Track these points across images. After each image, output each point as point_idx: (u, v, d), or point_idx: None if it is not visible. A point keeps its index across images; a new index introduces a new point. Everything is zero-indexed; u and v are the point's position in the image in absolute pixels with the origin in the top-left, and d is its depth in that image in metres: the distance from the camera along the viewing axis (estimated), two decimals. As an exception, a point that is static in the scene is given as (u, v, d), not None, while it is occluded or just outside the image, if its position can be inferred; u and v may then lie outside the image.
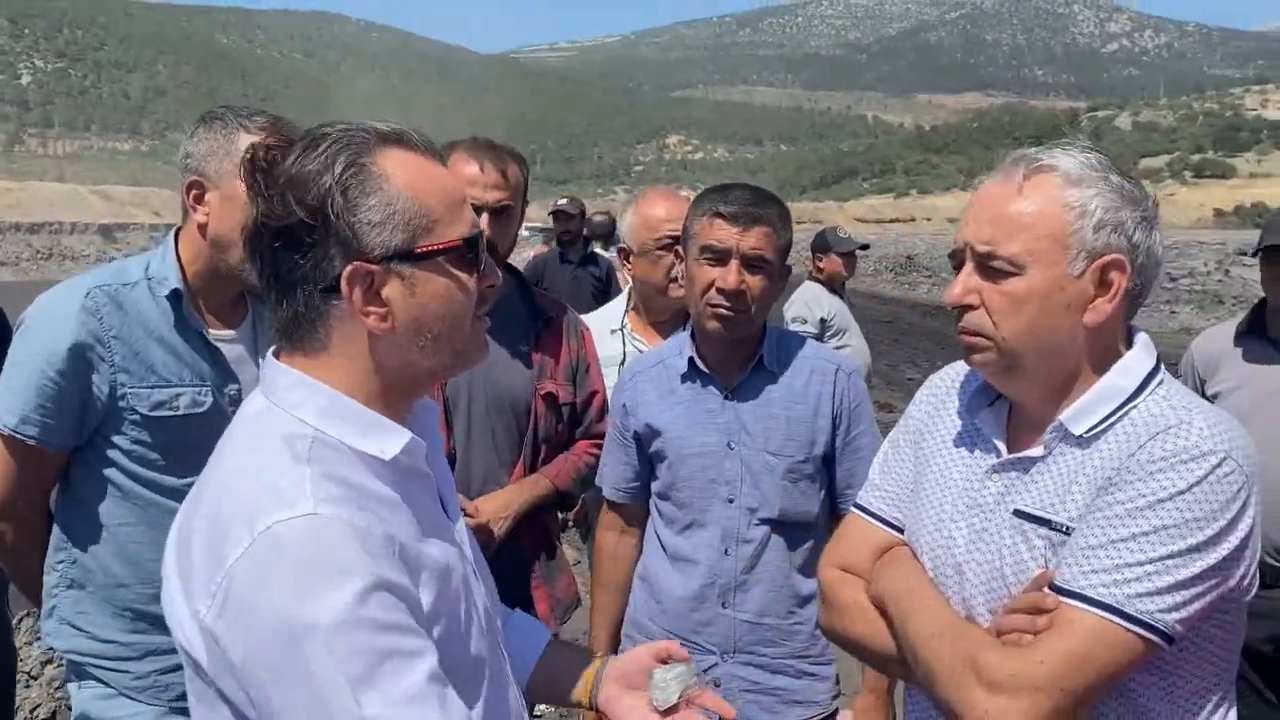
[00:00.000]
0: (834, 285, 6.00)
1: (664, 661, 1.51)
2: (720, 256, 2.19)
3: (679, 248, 2.40)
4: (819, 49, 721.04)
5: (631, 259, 3.06)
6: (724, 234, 2.18)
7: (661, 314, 3.09)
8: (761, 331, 2.31)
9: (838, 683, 2.37)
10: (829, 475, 2.32)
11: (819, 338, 5.67)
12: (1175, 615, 1.29)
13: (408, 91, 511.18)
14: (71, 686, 2.15)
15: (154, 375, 2.04)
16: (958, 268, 1.48)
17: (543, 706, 4.20)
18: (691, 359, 2.31)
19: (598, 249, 8.30)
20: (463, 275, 1.22)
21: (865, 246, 6.18)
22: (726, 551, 2.26)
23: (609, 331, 3.09)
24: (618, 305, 3.29)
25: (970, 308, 1.43)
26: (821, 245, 6.05)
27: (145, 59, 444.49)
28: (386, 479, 1.19)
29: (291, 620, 1.04)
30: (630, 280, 3.20)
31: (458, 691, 1.15)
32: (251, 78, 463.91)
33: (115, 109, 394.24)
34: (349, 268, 1.15)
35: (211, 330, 2.13)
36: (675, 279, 2.91)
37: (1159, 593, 1.29)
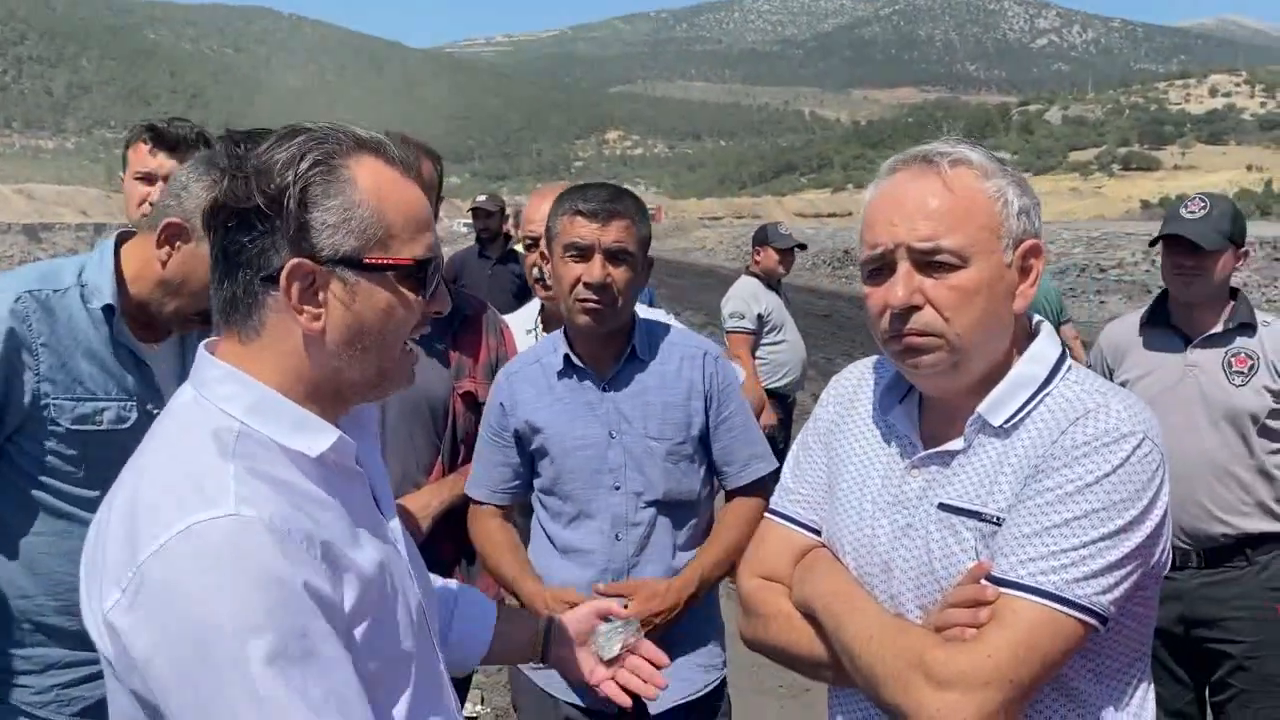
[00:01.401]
0: (770, 280, 5.94)
1: (605, 619, 1.66)
2: (584, 252, 2.25)
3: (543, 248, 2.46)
4: (756, 44, 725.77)
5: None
6: (585, 230, 2.25)
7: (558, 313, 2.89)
8: (631, 323, 2.38)
9: (724, 650, 2.45)
10: (707, 454, 2.41)
11: (756, 333, 5.69)
12: (1109, 596, 1.31)
13: (341, 86, 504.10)
14: None
15: (80, 387, 1.99)
16: (875, 273, 1.44)
17: (479, 706, 4.28)
18: (566, 355, 2.35)
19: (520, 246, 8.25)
20: (408, 295, 1.21)
21: (803, 246, 6.15)
22: (617, 537, 2.33)
23: (524, 331, 3.10)
24: (533, 306, 3.31)
25: (915, 308, 1.41)
26: (761, 238, 6.01)
27: (69, 54, 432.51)
28: (314, 476, 1.18)
29: (201, 623, 1.02)
30: None
31: (384, 688, 1.17)
32: (180, 73, 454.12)
33: (38, 105, 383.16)
34: (292, 262, 1.15)
35: (139, 345, 2.07)
36: (539, 279, 2.92)
37: (1095, 575, 1.30)
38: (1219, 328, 2.99)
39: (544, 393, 2.38)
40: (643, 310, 2.88)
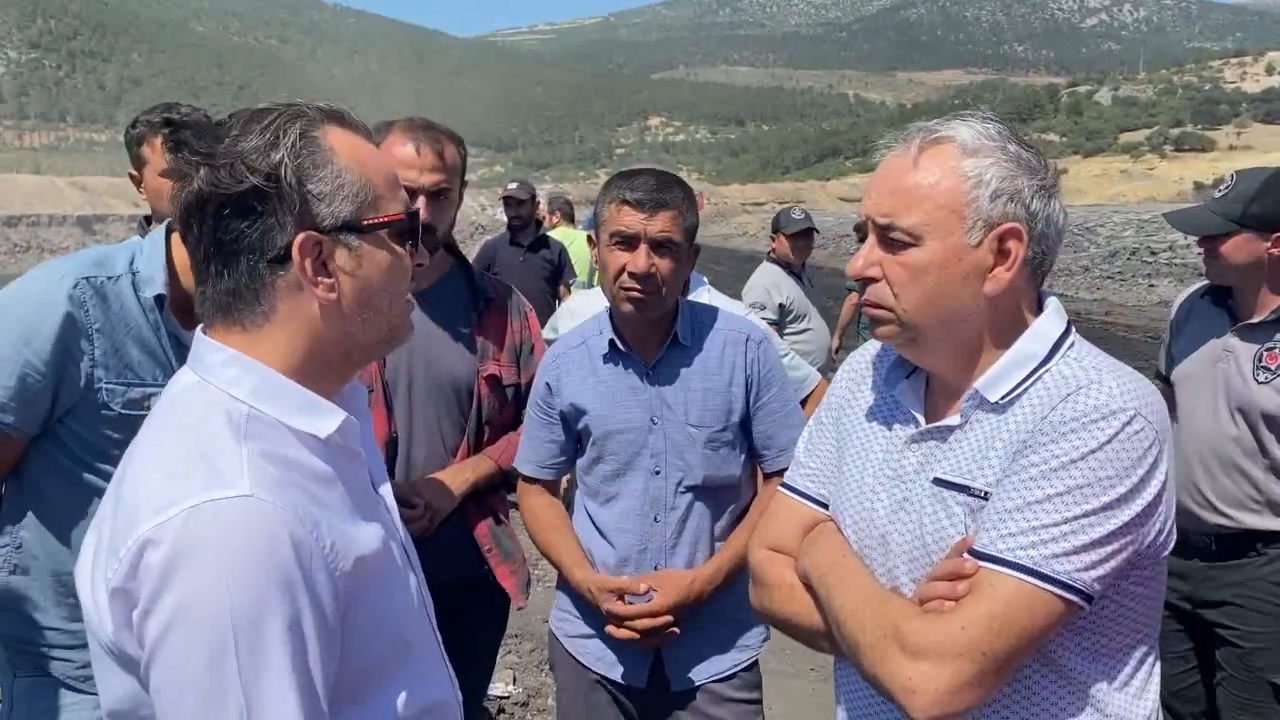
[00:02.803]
0: (791, 267, 5.85)
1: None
2: (629, 241, 2.28)
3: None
4: (799, 28, 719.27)
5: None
6: (632, 219, 2.27)
7: None
8: (675, 309, 2.41)
9: (768, 629, 2.45)
10: (747, 439, 2.43)
11: (778, 323, 5.58)
12: (1092, 574, 1.31)
13: (384, 76, 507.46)
14: (4, 677, 2.13)
15: (130, 373, 2.05)
16: (862, 240, 1.49)
17: (510, 686, 4.31)
18: (611, 340, 2.40)
19: (559, 231, 8.31)
20: (400, 250, 1.25)
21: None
22: (656, 519, 2.38)
23: (603, 306, 3.12)
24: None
25: (873, 280, 1.45)
26: (775, 225, 5.99)
27: (120, 48, 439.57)
28: (322, 456, 1.20)
29: (202, 599, 1.04)
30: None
31: (387, 665, 1.22)
32: (227, 65, 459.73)
33: (90, 99, 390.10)
34: (301, 236, 1.16)
35: (186, 332, 2.11)
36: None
37: (1075, 552, 1.30)
38: (1260, 317, 2.85)
39: (588, 375, 2.42)
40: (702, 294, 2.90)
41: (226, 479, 1.08)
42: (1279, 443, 2.82)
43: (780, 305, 5.63)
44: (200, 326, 1.24)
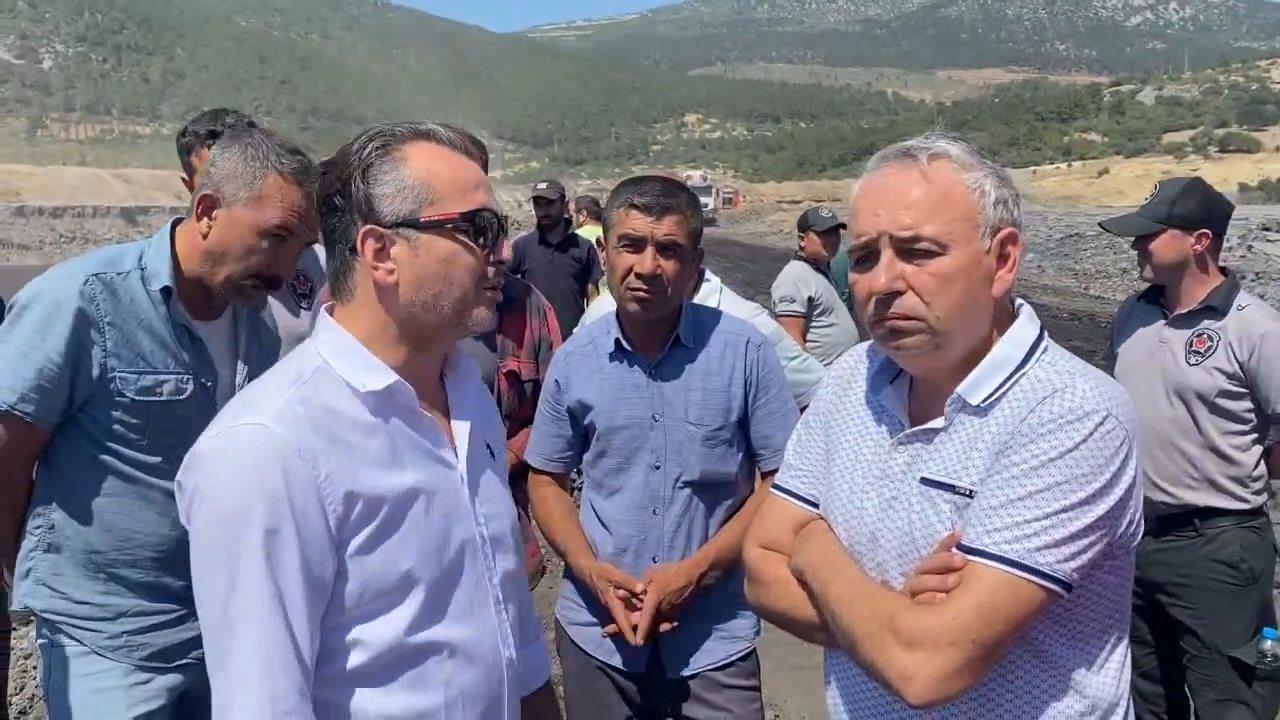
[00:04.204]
0: (818, 264, 6.04)
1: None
2: (637, 244, 2.37)
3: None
4: (838, 25, 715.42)
5: None
6: (639, 223, 2.37)
7: None
8: (679, 311, 2.50)
9: (758, 620, 2.55)
10: (745, 438, 2.53)
11: (806, 317, 5.78)
12: (1071, 564, 1.40)
13: (423, 71, 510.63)
14: (42, 644, 2.26)
15: (142, 361, 2.17)
16: (862, 260, 1.55)
17: None
18: (617, 339, 2.50)
19: (584, 230, 8.40)
20: (465, 242, 1.46)
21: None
22: (654, 512, 2.48)
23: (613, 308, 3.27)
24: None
25: (898, 294, 1.49)
26: (803, 224, 6.17)
27: (164, 42, 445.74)
28: (371, 407, 1.45)
29: (210, 498, 1.36)
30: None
31: (390, 596, 1.44)
32: (269, 60, 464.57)
33: (135, 92, 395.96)
34: (364, 228, 1.43)
35: (194, 322, 2.26)
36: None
37: (1056, 545, 1.39)
38: (1188, 308, 3.15)
39: (594, 372, 2.53)
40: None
41: (257, 411, 1.38)
42: (1210, 420, 3.07)
43: (809, 298, 5.79)
44: (323, 305, 1.55)
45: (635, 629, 2.40)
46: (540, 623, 1.96)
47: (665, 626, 2.42)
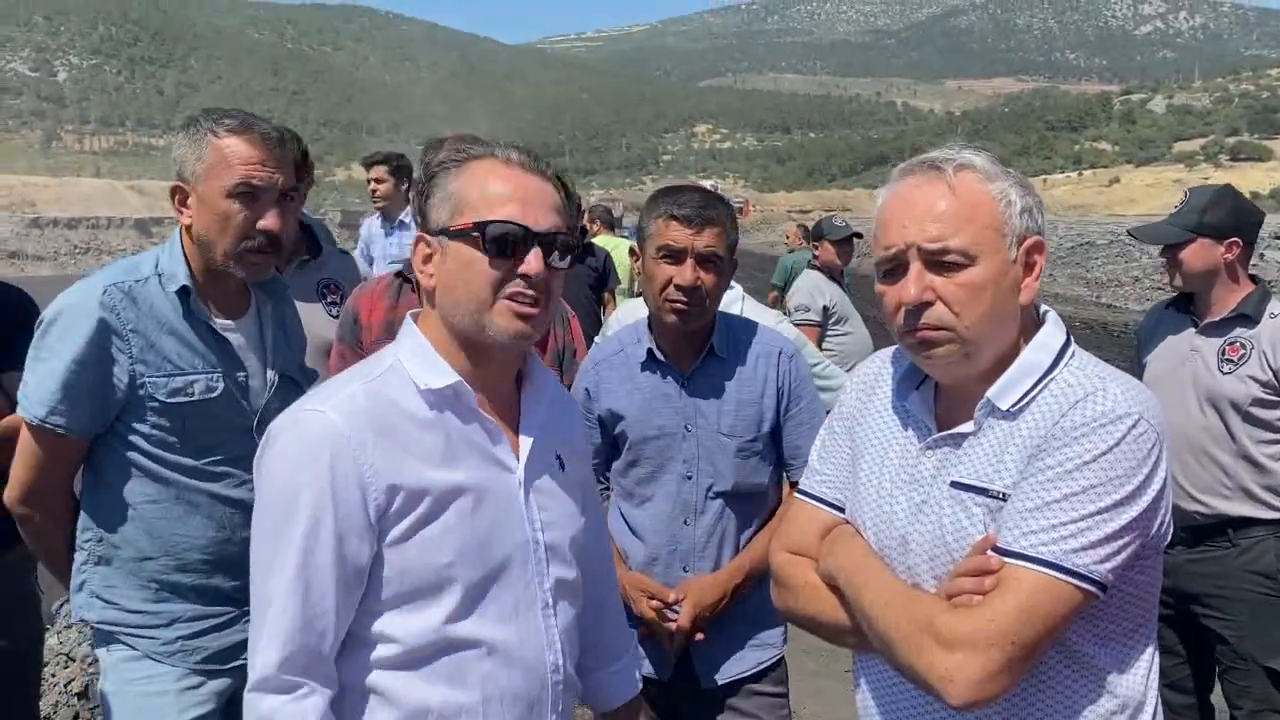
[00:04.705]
0: (832, 273, 6.09)
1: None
2: (676, 255, 2.37)
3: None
4: (847, 35, 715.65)
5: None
6: (679, 235, 2.36)
7: None
8: (713, 322, 2.50)
9: (786, 628, 2.57)
10: (777, 449, 2.54)
11: (821, 325, 5.82)
12: (1107, 565, 1.41)
13: (435, 83, 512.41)
14: (100, 651, 2.31)
15: (169, 365, 2.20)
16: (889, 272, 1.55)
17: None
18: (650, 349, 2.49)
19: (600, 239, 8.48)
20: (478, 254, 1.53)
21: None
22: (685, 522, 2.49)
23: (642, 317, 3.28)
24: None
25: (927, 305, 1.50)
26: (818, 233, 6.23)
27: (178, 55, 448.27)
28: (430, 403, 1.54)
29: (269, 474, 1.51)
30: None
31: (410, 592, 1.52)
32: (282, 71, 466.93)
33: (149, 104, 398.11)
34: (418, 235, 1.58)
35: (218, 320, 2.28)
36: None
37: (1091, 546, 1.40)
38: (1219, 316, 3.12)
39: (625, 381, 2.53)
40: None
41: (323, 399, 1.52)
42: (1244, 429, 3.03)
43: (824, 307, 5.84)
44: (409, 313, 1.66)
45: (669, 640, 2.42)
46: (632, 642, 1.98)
47: (698, 637, 2.44)
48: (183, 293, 2.22)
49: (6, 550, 2.53)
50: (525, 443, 1.63)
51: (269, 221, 2.20)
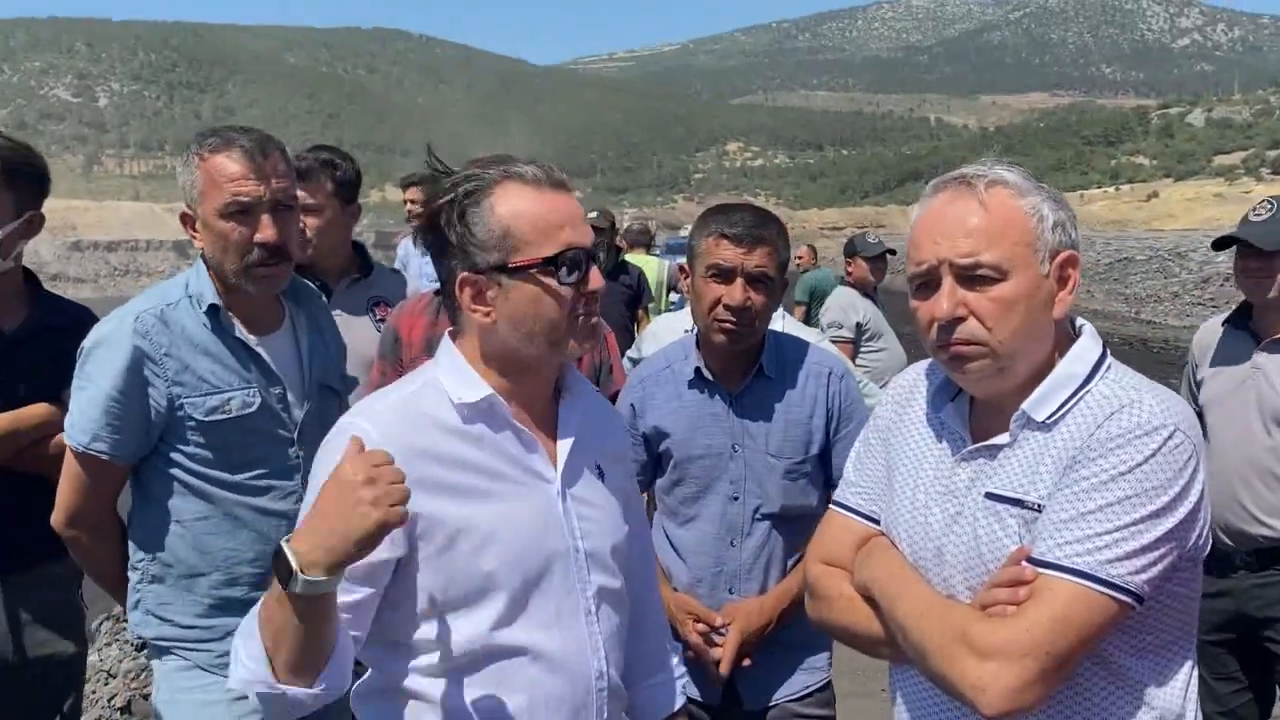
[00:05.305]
0: (865, 289, 6.07)
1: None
2: (726, 274, 2.33)
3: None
4: (879, 52, 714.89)
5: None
6: (729, 254, 2.32)
7: None
8: (761, 340, 2.46)
9: (832, 652, 2.54)
10: (826, 470, 2.48)
11: (855, 342, 5.81)
12: (1143, 576, 1.41)
13: (468, 104, 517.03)
14: (154, 662, 2.41)
15: (205, 384, 2.24)
16: (922, 287, 1.57)
17: None
18: (697, 367, 2.46)
19: (631, 257, 8.45)
20: (550, 283, 1.56)
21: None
22: (732, 543, 2.44)
23: (684, 330, 3.20)
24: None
25: (960, 320, 1.51)
26: (850, 250, 6.18)
27: (215, 79, 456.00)
28: (464, 417, 1.60)
29: (314, 474, 1.58)
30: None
31: (456, 599, 1.55)
32: (317, 95, 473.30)
33: (187, 128, 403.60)
34: (460, 275, 1.57)
35: (250, 336, 2.32)
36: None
37: (1127, 557, 1.40)
38: None
39: (672, 399, 2.49)
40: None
41: (362, 412, 1.59)
42: None
43: (857, 324, 5.83)
44: (447, 331, 1.71)
45: (715, 664, 2.38)
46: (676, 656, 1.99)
47: (744, 663, 2.40)
48: (212, 311, 2.26)
49: (52, 562, 2.58)
50: (562, 451, 1.67)
51: (265, 234, 2.21)
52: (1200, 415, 3.12)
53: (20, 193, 2.48)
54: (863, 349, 5.86)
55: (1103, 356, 1.56)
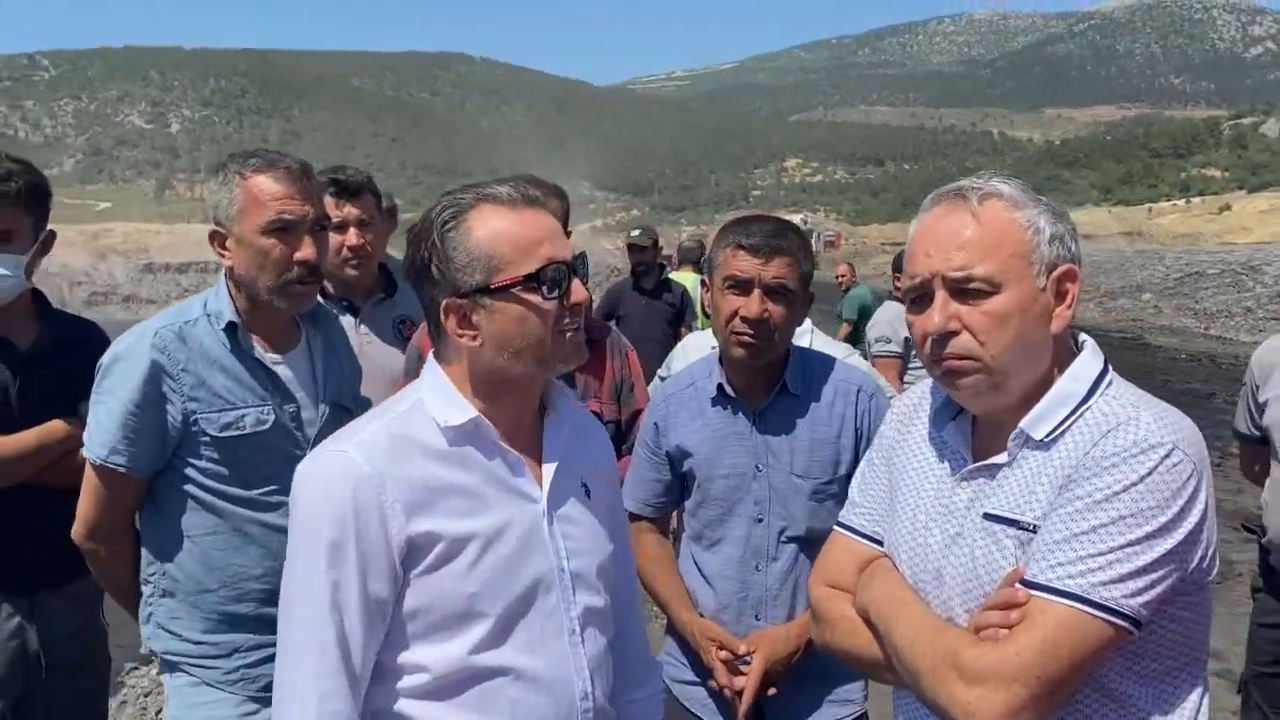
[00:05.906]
0: None
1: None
2: (743, 286, 2.28)
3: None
4: (941, 66, 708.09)
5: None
6: (746, 264, 2.28)
7: None
8: (786, 355, 2.39)
9: (867, 684, 2.45)
10: None
11: (903, 357, 5.75)
12: (1138, 600, 1.37)
13: (528, 126, 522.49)
14: (164, 677, 2.44)
15: (220, 400, 2.28)
16: (916, 301, 1.56)
17: None
18: (720, 384, 2.39)
19: (677, 275, 8.40)
20: (534, 300, 1.56)
21: None
22: (757, 568, 2.37)
23: (710, 347, 3.16)
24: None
25: (953, 334, 1.49)
26: (897, 265, 6.07)
27: (283, 104, 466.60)
28: (451, 440, 1.58)
29: (295, 505, 1.55)
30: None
31: (438, 622, 1.54)
32: (381, 118, 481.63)
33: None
34: (444, 302, 1.57)
35: (267, 355, 2.36)
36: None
37: (1121, 579, 1.36)
38: None
39: (696, 417, 2.43)
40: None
41: (346, 438, 1.57)
42: None
43: (905, 339, 5.70)
44: (430, 353, 1.69)
45: (739, 694, 2.31)
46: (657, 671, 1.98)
47: (770, 692, 2.33)
48: (230, 329, 2.29)
49: (74, 580, 2.62)
50: (548, 472, 1.66)
51: (305, 252, 2.27)
52: (1264, 438, 3.06)
53: (36, 215, 2.55)
54: (910, 365, 5.79)
55: (1103, 373, 1.52)
